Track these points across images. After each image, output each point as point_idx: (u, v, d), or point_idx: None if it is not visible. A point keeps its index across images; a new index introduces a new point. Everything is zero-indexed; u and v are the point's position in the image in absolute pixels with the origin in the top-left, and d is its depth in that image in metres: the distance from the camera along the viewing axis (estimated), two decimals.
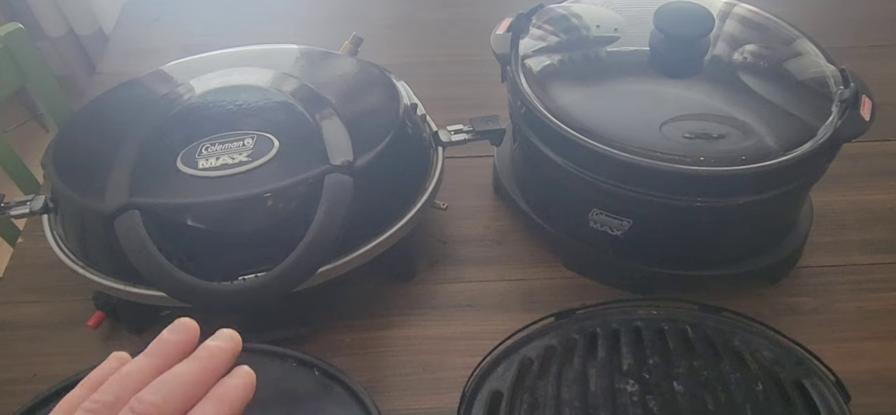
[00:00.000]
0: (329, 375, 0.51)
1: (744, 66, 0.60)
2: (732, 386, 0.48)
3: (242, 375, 0.30)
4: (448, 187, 0.67)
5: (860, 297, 0.62)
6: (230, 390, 0.29)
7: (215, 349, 0.30)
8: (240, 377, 0.30)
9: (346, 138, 0.55)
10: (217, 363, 0.29)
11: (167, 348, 0.30)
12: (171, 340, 0.30)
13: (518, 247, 0.67)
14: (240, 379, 0.29)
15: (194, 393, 0.28)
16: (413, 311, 0.62)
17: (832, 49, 0.61)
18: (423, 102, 0.67)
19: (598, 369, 0.50)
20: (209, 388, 0.28)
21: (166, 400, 0.27)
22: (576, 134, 0.55)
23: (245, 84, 0.62)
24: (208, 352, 0.30)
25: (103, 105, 0.66)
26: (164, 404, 0.26)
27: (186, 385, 0.28)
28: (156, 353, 0.29)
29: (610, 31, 0.64)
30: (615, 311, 0.56)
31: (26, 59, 0.84)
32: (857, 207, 0.69)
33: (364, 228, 0.55)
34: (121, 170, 0.53)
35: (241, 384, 0.29)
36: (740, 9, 0.65)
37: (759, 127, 0.55)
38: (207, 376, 0.29)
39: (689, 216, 0.56)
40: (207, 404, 0.28)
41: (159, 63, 0.70)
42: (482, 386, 0.51)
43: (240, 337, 0.31)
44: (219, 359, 0.30)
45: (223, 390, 0.29)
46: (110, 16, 1.58)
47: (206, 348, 0.30)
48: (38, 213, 0.59)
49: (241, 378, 0.30)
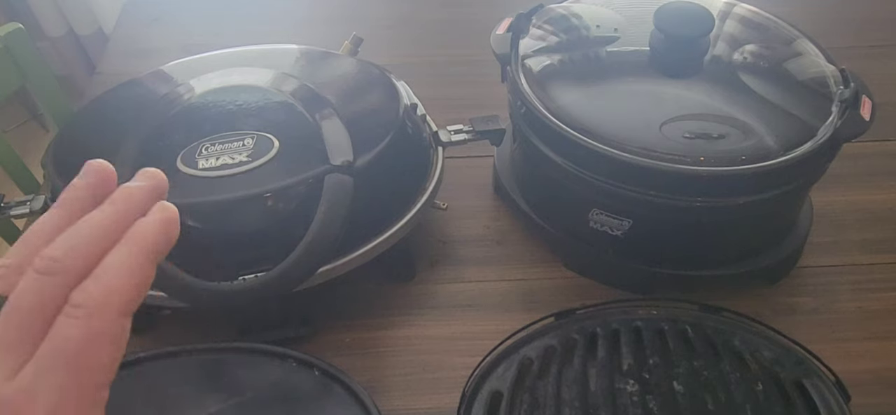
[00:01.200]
0: (329, 375, 0.51)
1: (744, 66, 0.60)
2: (732, 386, 0.48)
3: (159, 210, 0.26)
4: (448, 187, 0.67)
5: (860, 297, 0.62)
6: (145, 227, 0.25)
7: (133, 189, 0.26)
8: (156, 213, 0.25)
9: (346, 138, 0.55)
10: (134, 205, 0.25)
11: (77, 194, 0.26)
12: (81, 185, 0.26)
13: (518, 247, 0.67)
14: (156, 215, 0.25)
15: (106, 241, 0.24)
16: (413, 311, 0.62)
17: (832, 49, 0.61)
18: (423, 102, 0.67)
19: (598, 369, 0.50)
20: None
21: (70, 253, 0.23)
22: (576, 134, 0.55)
23: (245, 84, 0.62)
24: (123, 194, 0.26)
25: (103, 105, 0.66)
26: (67, 258, 0.23)
27: (95, 233, 0.24)
28: (63, 202, 0.26)
29: (610, 31, 0.64)
30: (615, 311, 0.56)
31: (26, 59, 0.84)
32: (857, 207, 0.69)
33: (364, 228, 0.55)
34: (121, 170, 0.53)
35: (157, 220, 0.25)
36: (740, 9, 0.65)
37: (759, 127, 0.55)
38: (121, 221, 0.25)
39: (689, 216, 0.56)
40: (118, 249, 0.24)
41: (159, 63, 0.70)
42: (482, 386, 0.51)
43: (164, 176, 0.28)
44: (137, 200, 0.26)
45: (137, 229, 0.25)
46: (110, 16, 1.58)
47: (122, 189, 0.26)
48: (38, 213, 0.59)
49: (157, 214, 0.25)
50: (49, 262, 0.23)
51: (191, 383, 0.52)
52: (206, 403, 0.50)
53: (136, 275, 0.24)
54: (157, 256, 0.25)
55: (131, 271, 0.24)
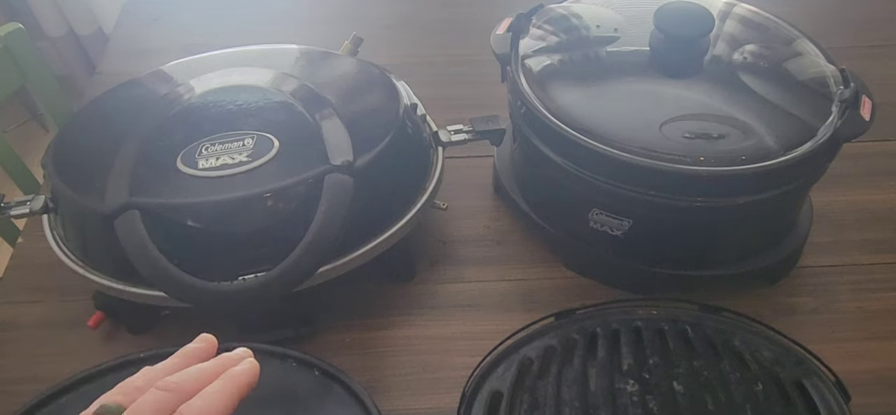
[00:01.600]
0: (329, 375, 0.51)
1: (744, 66, 0.60)
2: (732, 386, 0.48)
3: (248, 362, 0.36)
4: (448, 187, 0.67)
5: (860, 297, 0.62)
6: (237, 372, 0.35)
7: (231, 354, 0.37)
8: (246, 363, 0.36)
9: (346, 138, 0.55)
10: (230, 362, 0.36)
11: (189, 352, 0.37)
12: (194, 348, 0.37)
13: (518, 247, 0.67)
14: (246, 365, 0.36)
15: (210, 378, 0.34)
16: (413, 311, 0.62)
17: (832, 49, 0.61)
18: (423, 102, 0.67)
19: (598, 369, 0.50)
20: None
21: (185, 380, 0.33)
22: (576, 134, 0.55)
23: (245, 84, 0.62)
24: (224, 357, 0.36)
25: (103, 105, 0.66)
26: (181, 383, 0.33)
27: (202, 372, 0.34)
28: (181, 354, 0.37)
29: (610, 31, 0.64)
30: (615, 311, 0.56)
31: (26, 59, 0.84)
32: (857, 207, 0.69)
33: (364, 228, 0.55)
34: (121, 170, 0.53)
35: (246, 369, 0.35)
36: (740, 9, 0.65)
37: (759, 127, 0.55)
38: (220, 369, 0.35)
39: (689, 216, 0.56)
40: (217, 382, 0.33)
41: (159, 63, 0.70)
42: (482, 386, 0.51)
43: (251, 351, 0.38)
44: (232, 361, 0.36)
45: (232, 370, 0.35)
46: (110, 16, 1.58)
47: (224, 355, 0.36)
48: (38, 213, 0.59)
49: (246, 364, 0.36)
50: (169, 383, 0.33)
51: None
52: None
53: (227, 400, 0.33)
54: (243, 391, 0.34)
55: (225, 397, 0.33)
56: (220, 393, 0.33)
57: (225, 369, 0.35)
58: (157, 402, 0.32)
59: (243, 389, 0.34)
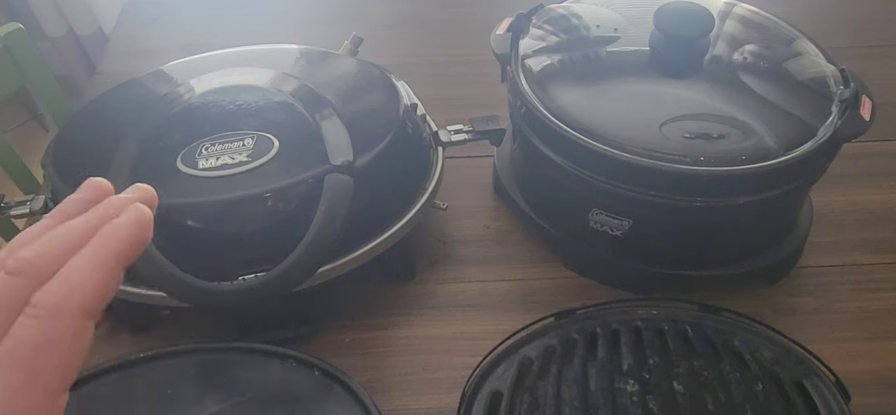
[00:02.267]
0: (329, 375, 0.51)
1: (744, 66, 0.60)
2: (732, 386, 0.48)
3: (131, 211, 0.25)
4: (448, 187, 0.67)
5: (860, 297, 0.62)
6: (114, 228, 0.25)
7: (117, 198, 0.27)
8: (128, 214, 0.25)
9: (346, 138, 0.55)
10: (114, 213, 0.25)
11: (69, 205, 0.26)
12: (76, 198, 0.27)
13: (518, 247, 0.67)
14: (127, 216, 0.25)
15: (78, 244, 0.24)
16: (413, 311, 0.62)
17: (832, 49, 0.61)
18: (423, 102, 0.67)
19: (598, 369, 0.50)
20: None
21: (43, 253, 0.23)
22: (576, 134, 0.55)
23: (245, 84, 0.62)
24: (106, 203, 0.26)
25: (103, 105, 0.66)
26: (37, 259, 0.23)
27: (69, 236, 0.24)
28: (55, 212, 0.26)
29: (610, 31, 0.64)
30: (615, 311, 0.56)
31: (26, 59, 0.84)
32: (857, 207, 0.69)
33: (364, 228, 0.55)
34: (121, 170, 0.53)
35: (128, 221, 0.25)
36: (740, 9, 0.65)
37: (759, 127, 0.55)
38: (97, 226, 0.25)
39: (689, 216, 0.56)
40: (85, 249, 0.24)
41: (159, 63, 0.70)
42: (482, 386, 0.51)
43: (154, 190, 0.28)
44: (118, 206, 0.26)
45: (106, 230, 0.24)
46: (110, 16, 1.58)
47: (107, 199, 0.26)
48: (38, 213, 0.59)
49: (128, 215, 0.25)
50: (20, 262, 0.23)
51: (191, 383, 0.52)
52: (206, 403, 0.50)
53: (100, 274, 0.23)
54: (126, 256, 0.24)
55: (95, 270, 0.23)
56: (87, 266, 0.23)
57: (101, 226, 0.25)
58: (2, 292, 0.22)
59: (125, 253, 0.24)
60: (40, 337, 0.22)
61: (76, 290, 0.23)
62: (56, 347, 0.22)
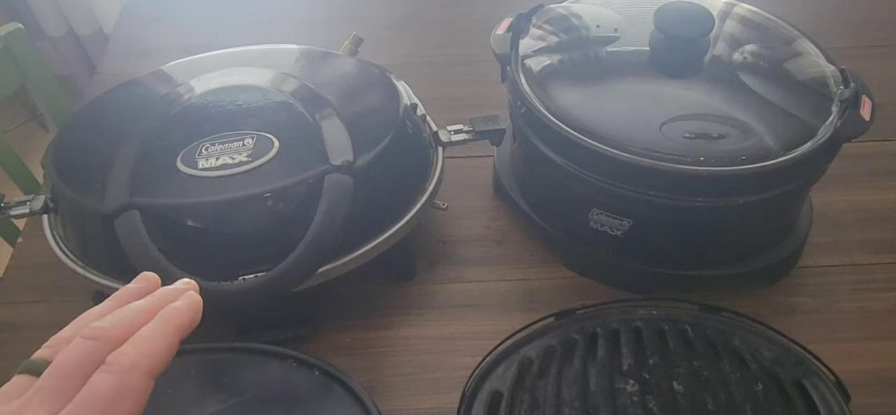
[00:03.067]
0: (329, 375, 0.51)
1: (744, 66, 0.60)
2: (732, 386, 0.48)
3: (188, 296, 0.31)
4: (448, 187, 0.67)
5: (860, 297, 0.62)
6: (175, 307, 0.30)
7: (170, 288, 0.32)
8: (185, 299, 0.31)
9: (346, 138, 0.55)
10: (169, 297, 0.31)
11: (127, 291, 0.32)
12: (132, 287, 0.33)
13: (518, 247, 0.67)
14: (185, 300, 0.31)
15: (144, 319, 0.29)
16: (413, 311, 0.62)
17: (832, 49, 0.61)
18: (423, 102, 0.67)
19: (598, 369, 0.50)
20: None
21: (116, 324, 0.29)
22: (576, 134, 0.55)
23: (245, 84, 0.62)
24: (164, 291, 0.32)
25: (103, 105, 0.66)
26: (113, 328, 0.28)
27: (136, 312, 0.30)
28: (115, 296, 0.32)
29: (610, 31, 0.64)
30: (615, 311, 0.56)
31: (26, 59, 0.84)
32: (857, 207, 0.69)
33: (364, 228, 0.55)
34: (121, 170, 0.54)
35: (185, 306, 0.31)
36: (740, 9, 0.65)
37: (759, 127, 0.55)
38: (157, 307, 0.30)
39: (689, 216, 0.56)
40: (151, 323, 0.29)
41: (159, 63, 0.70)
42: (482, 386, 0.51)
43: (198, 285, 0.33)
44: (171, 296, 0.31)
45: (168, 308, 0.30)
46: (110, 16, 1.58)
47: (164, 289, 0.32)
48: (38, 213, 0.59)
49: (185, 299, 0.31)
50: (96, 330, 0.28)
51: (191, 383, 0.51)
52: (206, 403, 0.50)
53: (163, 343, 0.29)
54: (184, 330, 0.30)
55: (160, 340, 0.28)
56: (154, 335, 0.29)
57: (162, 307, 0.30)
58: (82, 352, 0.27)
59: (183, 329, 0.30)
60: (117, 387, 0.26)
61: (145, 353, 0.28)
62: (129, 397, 0.27)
